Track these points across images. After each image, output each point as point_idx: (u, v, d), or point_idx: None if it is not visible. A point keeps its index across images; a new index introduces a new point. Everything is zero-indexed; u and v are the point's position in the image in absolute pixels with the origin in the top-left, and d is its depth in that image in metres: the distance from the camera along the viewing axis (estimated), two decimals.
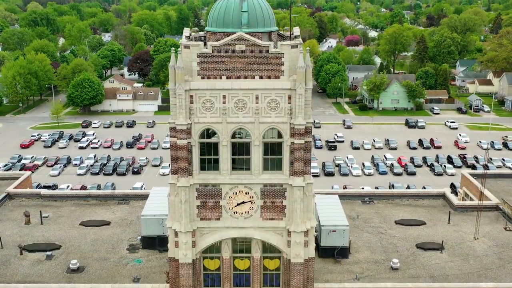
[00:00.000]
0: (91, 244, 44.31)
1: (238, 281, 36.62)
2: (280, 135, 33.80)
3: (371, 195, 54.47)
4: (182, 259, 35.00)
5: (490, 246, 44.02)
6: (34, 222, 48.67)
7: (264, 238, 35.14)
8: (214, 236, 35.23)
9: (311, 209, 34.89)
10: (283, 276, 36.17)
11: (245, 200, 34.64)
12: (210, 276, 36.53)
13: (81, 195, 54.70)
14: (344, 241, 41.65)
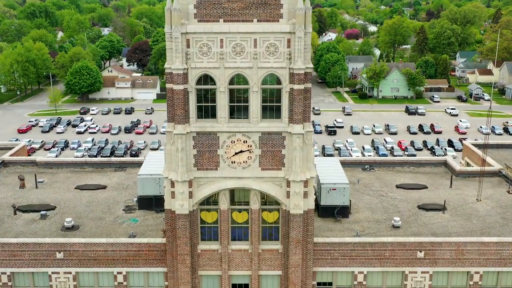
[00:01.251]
0: (86, 205, 43.45)
1: (236, 235, 35.80)
2: (279, 81, 32.96)
3: (372, 162, 53.62)
4: (179, 209, 34.16)
5: (493, 207, 43.21)
6: (29, 186, 47.80)
7: (262, 188, 34.31)
8: (211, 186, 34.39)
9: (311, 158, 34.05)
10: (282, 229, 35.34)
11: (243, 149, 33.80)
12: (207, 230, 35.69)
13: (77, 162, 53.81)
14: (344, 199, 40.79)
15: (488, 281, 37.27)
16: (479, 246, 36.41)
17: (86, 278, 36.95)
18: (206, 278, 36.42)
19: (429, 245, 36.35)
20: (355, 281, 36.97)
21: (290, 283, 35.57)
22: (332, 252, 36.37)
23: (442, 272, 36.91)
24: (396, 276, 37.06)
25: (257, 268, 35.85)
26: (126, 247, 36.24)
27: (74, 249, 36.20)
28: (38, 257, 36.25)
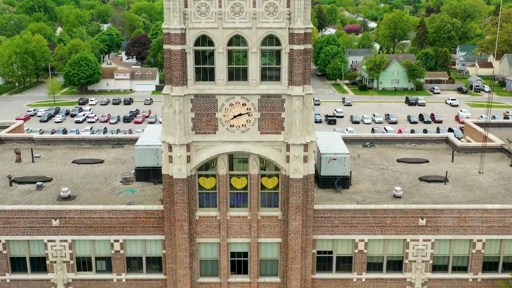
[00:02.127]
0: (83, 177, 42.85)
1: (235, 201, 35.21)
2: (279, 42, 32.35)
3: (372, 139, 53.04)
4: (177, 174, 33.58)
5: (495, 179, 42.63)
6: (25, 161, 47.21)
7: (261, 153, 33.72)
8: (209, 151, 33.80)
9: (311, 122, 33.47)
10: (282, 195, 34.76)
11: (242, 112, 33.22)
12: (205, 196, 35.10)
13: (74, 139, 53.24)
14: (345, 170, 40.18)
15: (491, 249, 36.70)
16: (481, 213, 35.83)
17: (83, 246, 36.36)
18: (204, 245, 35.84)
19: (431, 212, 35.78)
20: (355, 249, 36.39)
21: (290, 250, 34.99)
22: (332, 219, 35.78)
23: (444, 240, 36.33)
24: (397, 244, 36.49)
25: (256, 235, 35.27)
26: (123, 214, 35.65)
27: (70, 216, 35.61)
28: (33, 225, 35.65)
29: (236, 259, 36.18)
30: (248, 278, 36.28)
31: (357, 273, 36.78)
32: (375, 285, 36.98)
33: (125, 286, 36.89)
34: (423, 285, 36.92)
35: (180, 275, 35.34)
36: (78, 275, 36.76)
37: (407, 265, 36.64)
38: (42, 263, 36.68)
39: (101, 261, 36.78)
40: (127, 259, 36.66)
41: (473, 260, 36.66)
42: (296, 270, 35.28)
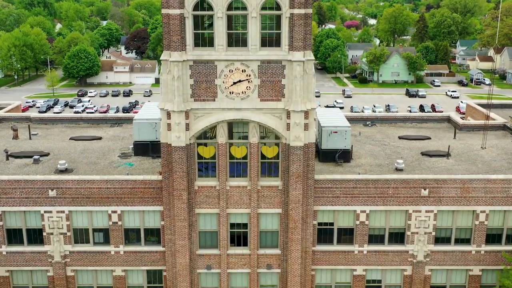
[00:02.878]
0: (80, 152, 42.29)
1: (234, 171, 34.65)
2: (279, 6, 31.78)
3: (373, 118, 52.48)
4: (175, 142, 33.03)
5: (498, 154, 42.10)
6: (22, 138, 46.67)
7: (262, 120, 33.17)
8: (209, 119, 33.24)
9: (311, 89, 32.92)
10: (282, 164, 34.21)
11: (242, 78, 32.66)
12: (204, 166, 34.54)
13: (72, 118, 52.62)
14: (346, 143, 39.60)
15: (495, 220, 36.16)
16: (485, 184, 35.29)
17: (80, 218, 35.81)
18: (203, 216, 35.28)
19: (434, 183, 35.24)
20: (357, 220, 35.85)
21: (290, 221, 34.45)
22: (333, 190, 35.24)
23: (447, 211, 35.80)
24: (399, 215, 35.94)
25: (256, 206, 34.72)
26: (121, 184, 35.09)
27: (67, 187, 35.06)
28: (30, 195, 35.11)
29: (236, 230, 35.64)
30: (247, 250, 35.74)
31: (358, 245, 36.25)
32: (377, 258, 36.45)
33: (123, 259, 36.36)
34: (426, 257, 36.38)
35: (179, 246, 34.79)
36: (75, 247, 36.22)
37: (409, 237, 36.10)
38: (39, 235, 36.14)
39: (99, 233, 36.24)
40: (125, 231, 36.13)
41: (476, 232, 36.13)
42: (297, 241, 34.74)
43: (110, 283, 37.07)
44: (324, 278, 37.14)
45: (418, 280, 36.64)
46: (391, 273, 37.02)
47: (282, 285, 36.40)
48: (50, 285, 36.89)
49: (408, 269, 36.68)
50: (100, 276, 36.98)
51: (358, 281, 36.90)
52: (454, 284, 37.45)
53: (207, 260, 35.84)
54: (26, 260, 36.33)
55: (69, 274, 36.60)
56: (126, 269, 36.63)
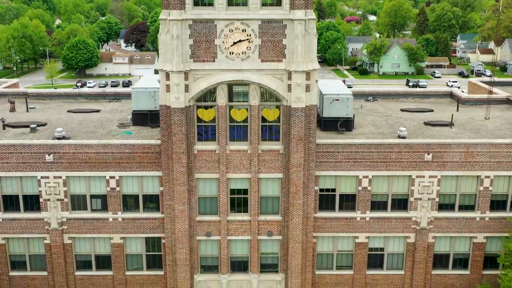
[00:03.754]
0: (78, 123, 41.66)
1: (235, 135, 34.03)
2: None
3: (375, 94, 51.88)
4: (174, 103, 32.42)
5: (502, 124, 41.51)
6: (20, 111, 46.07)
7: (262, 82, 32.55)
8: (208, 80, 32.61)
9: (313, 49, 32.30)
10: (283, 127, 33.59)
11: (242, 38, 32.03)
12: (204, 129, 33.91)
13: (70, 93, 51.99)
14: (347, 111, 38.94)
15: (499, 186, 35.55)
16: (489, 148, 34.69)
17: (77, 183, 35.18)
18: (203, 181, 34.65)
19: (437, 147, 34.64)
20: (359, 186, 35.24)
21: (291, 185, 33.82)
22: (335, 155, 34.63)
23: (451, 176, 35.18)
24: (402, 180, 35.34)
25: (257, 171, 34.09)
26: (119, 149, 34.48)
27: (65, 151, 34.44)
28: (26, 160, 34.48)
29: (236, 196, 35.02)
30: (248, 216, 35.13)
31: (360, 212, 35.65)
32: (380, 224, 35.85)
33: (121, 226, 35.75)
34: (429, 224, 35.77)
35: (178, 211, 34.17)
36: (73, 214, 35.61)
37: (412, 203, 35.50)
38: (36, 202, 35.51)
39: (96, 199, 35.62)
40: (123, 197, 35.51)
41: (481, 198, 35.53)
42: (298, 206, 34.12)
43: (108, 251, 36.47)
44: (326, 246, 36.54)
45: (421, 247, 36.03)
46: (394, 240, 36.42)
47: (283, 252, 35.80)
48: (47, 253, 36.27)
49: (411, 237, 36.08)
50: (98, 244, 36.37)
51: (361, 249, 36.30)
52: (458, 252, 36.86)
53: (206, 226, 35.23)
54: (22, 228, 35.70)
55: (66, 241, 35.98)
56: (124, 237, 36.01)
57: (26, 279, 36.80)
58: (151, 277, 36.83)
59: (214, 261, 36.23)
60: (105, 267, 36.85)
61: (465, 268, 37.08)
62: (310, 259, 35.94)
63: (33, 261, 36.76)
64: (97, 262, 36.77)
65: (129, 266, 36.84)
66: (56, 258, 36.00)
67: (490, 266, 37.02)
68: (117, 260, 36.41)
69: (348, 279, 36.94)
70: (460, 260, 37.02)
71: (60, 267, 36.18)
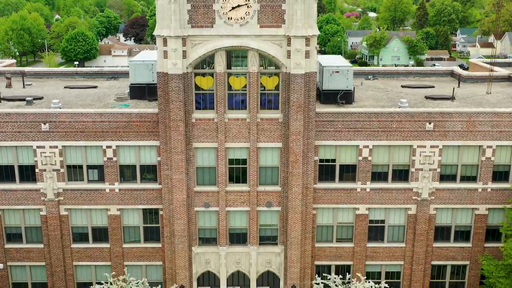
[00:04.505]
0: (75, 97, 41.14)
1: (233, 103, 33.54)
2: None
3: (375, 72, 51.32)
4: (172, 69, 31.93)
5: (504, 98, 40.99)
6: (16, 87, 45.56)
7: (261, 48, 32.06)
8: (206, 46, 32.12)
9: (312, 14, 31.80)
10: (283, 95, 33.11)
11: (241, 3, 31.52)
12: (202, 97, 33.42)
13: (67, 72, 51.44)
14: (347, 83, 38.40)
15: (501, 157, 35.06)
16: (492, 117, 34.21)
17: (74, 153, 34.67)
18: (201, 151, 34.16)
19: (439, 116, 34.16)
20: (359, 156, 34.74)
21: (291, 153, 33.34)
22: (335, 124, 34.14)
23: (453, 146, 34.69)
24: (403, 150, 34.84)
25: (256, 140, 33.60)
26: (116, 117, 34.00)
27: (61, 120, 33.94)
28: (22, 129, 33.99)
29: (235, 166, 34.53)
30: (247, 187, 34.66)
31: (361, 183, 35.16)
32: (380, 195, 35.37)
33: (118, 196, 35.25)
34: (430, 196, 35.29)
35: (176, 181, 33.68)
36: (69, 184, 35.10)
37: (413, 174, 35.01)
38: (31, 172, 35.00)
39: (93, 170, 35.12)
40: (120, 168, 35.01)
41: (483, 168, 35.03)
42: (297, 175, 33.64)
43: (105, 223, 35.97)
44: (326, 218, 36.06)
45: (423, 219, 35.54)
46: (395, 212, 35.93)
47: (282, 224, 35.33)
48: (43, 225, 35.78)
49: (412, 208, 35.59)
50: (95, 216, 35.87)
51: (361, 221, 35.81)
52: (460, 224, 36.38)
53: (204, 197, 34.75)
54: (18, 199, 35.20)
55: (63, 213, 35.48)
56: (121, 208, 35.52)
57: (22, 251, 36.31)
58: (149, 250, 36.34)
59: (212, 233, 35.76)
60: (102, 240, 36.36)
61: (466, 241, 36.60)
62: (309, 231, 35.45)
63: (29, 234, 36.27)
64: (94, 235, 36.29)
65: (126, 239, 36.35)
66: (52, 230, 35.49)
67: (492, 238, 36.54)
68: (114, 232, 35.91)
69: (348, 252, 36.46)
70: (462, 232, 36.54)
71: (56, 240, 35.68)
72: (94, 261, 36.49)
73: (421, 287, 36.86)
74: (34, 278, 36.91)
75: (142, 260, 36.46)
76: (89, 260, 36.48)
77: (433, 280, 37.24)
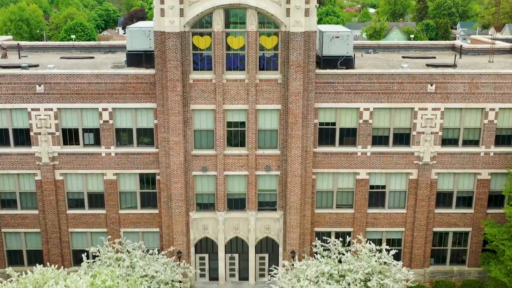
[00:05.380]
0: (71, 65, 40.42)
1: (232, 63, 32.92)
2: None
3: (375, 46, 50.67)
4: (169, 27, 31.35)
5: (507, 65, 40.34)
6: (12, 58, 44.91)
7: (260, 6, 31.44)
8: (204, 4, 31.51)
9: None
10: (282, 55, 32.52)
11: None
12: (200, 58, 32.80)
13: (64, 46, 50.72)
14: (348, 49, 37.61)
15: (504, 120, 34.46)
16: (494, 79, 33.62)
17: (69, 116, 34.06)
18: (199, 113, 33.56)
19: (441, 77, 33.59)
20: (360, 119, 34.15)
21: (290, 115, 32.73)
22: (335, 85, 33.55)
23: (455, 109, 34.09)
24: (404, 113, 34.25)
25: (254, 101, 33.00)
26: (112, 79, 33.40)
27: (56, 81, 33.35)
28: (16, 91, 33.40)
29: (233, 129, 33.93)
30: (245, 150, 34.06)
31: (361, 147, 34.57)
32: (381, 160, 34.78)
33: (115, 161, 34.66)
34: (432, 160, 34.69)
35: (173, 143, 33.08)
36: (64, 148, 34.51)
37: (414, 138, 34.41)
38: (26, 136, 34.38)
39: (89, 133, 34.53)
40: (117, 131, 34.41)
41: (485, 132, 34.45)
42: (297, 137, 33.04)
43: (101, 188, 35.38)
44: (326, 183, 35.46)
45: (424, 184, 34.95)
46: (396, 177, 35.34)
47: (281, 189, 34.74)
48: (38, 190, 35.17)
49: (414, 173, 35.00)
50: (91, 181, 35.27)
51: (361, 186, 35.22)
52: (462, 190, 35.79)
53: (202, 161, 34.16)
54: (12, 163, 34.60)
55: (58, 178, 34.87)
56: (117, 173, 34.92)
57: (16, 217, 35.70)
58: (146, 216, 35.76)
59: (210, 198, 35.17)
60: (98, 206, 35.76)
61: (469, 207, 36.02)
62: (309, 196, 34.86)
63: (23, 199, 35.68)
64: (90, 200, 35.70)
65: (123, 205, 35.76)
66: (47, 196, 34.89)
67: (495, 204, 35.95)
68: (111, 198, 35.32)
69: (349, 218, 35.88)
70: (464, 198, 35.95)
71: (52, 205, 35.07)
72: (90, 227, 35.91)
73: (423, 254, 36.27)
74: (29, 245, 36.33)
75: (138, 226, 35.87)
76: (85, 226, 35.89)
77: (434, 247, 36.67)
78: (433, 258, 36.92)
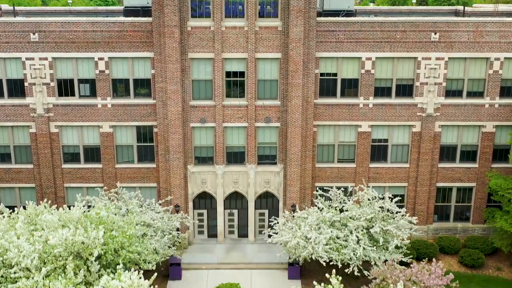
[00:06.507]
0: None
1: (231, 10, 32.18)
2: None
3: (377, 11, 49.83)
4: None
5: None
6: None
7: None
8: None
9: None
10: (282, 1, 31.72)
11: None
12: (198, 4, 32.07)
13: (61, 11, 49.81)
14: (349, 3, 36.90)
15: (509, 70, 33.69)
16: (500, 27, 32.86)
17: (64, 66, 33.25)
18: (197, 62, 32.76)
19: (445, 26, 32.82)
20: (362, 69, 33.36)
21: (290, 62, 31.93)
22: (337, 34, 32.76)
23: (459, 58, 33.31)
24: (407, 63, 33.47)
25: (254, 49, 32.21)
26: (108, 27, 32.57)
27: (51, 29, 32.51)
28: (10, 39, 32.59)
29: (232, 79, 33.16)
30: (245, 101, 33.28)
31: (363, 98, 33.81)
32: (383, 111, 34.02)
33: (111, 113, 33.87)
34: (436, 112, 33.93)
35: (171, 92, 32.30)
36: (59, 99, 33.72)
37: (418, 89, 33.65)
38: (20, 86, 33.59)
39: (85, 84, 33.73)
40: (113, 82, 33.61)
41: (490, 83, 33.69)
42: (297, 86, 32.25)
43: (97, 142, 34.59)
44: (327, 137, 34.70)
45: (428, 137, 34.20)
46: (399, 130, 34.58)
47: (281, 142, 33.97)
48: (32, 144, 34.38)
49: (417, 125, 34.24)
50: (86, 133, 34.48)
51: (363, 139, 34.46)
52: (466, 143, 35.03)
53: (201, 112, 33.39)
54: (6, 115, 33.82)
55: (53, 130, 34.09)
56: (114, 125, 34.13)
57: (11, 172, 34.94)
58: (143, 171, 34.99)
59: (209, 152, 34.41)
60: (94, 160, 34.99)
61: (473, 161, 35.26)
62: (310, 149, 34.11)
63: (18, 153, 34.88)
64: (86, 154, 34.92)
65: (120, 159, 34.99)
66: (42, 149, 34.11)
67: (500, 158, 35.20)
68: (107, 151, 34.54)
69: (350, 173, 35.14)
70: (468, 152, 35.19)
71: (47, 159, 34.30)
72: (86, 182, 35.13)
73: (426, 210, 35.54)
74: (24, 201, 35.45)
75: (135, 181, 35.11)
76: (81, 181, 35.12)
77: (438, 203, 35.93)
78: (436, 214, 36.17)
